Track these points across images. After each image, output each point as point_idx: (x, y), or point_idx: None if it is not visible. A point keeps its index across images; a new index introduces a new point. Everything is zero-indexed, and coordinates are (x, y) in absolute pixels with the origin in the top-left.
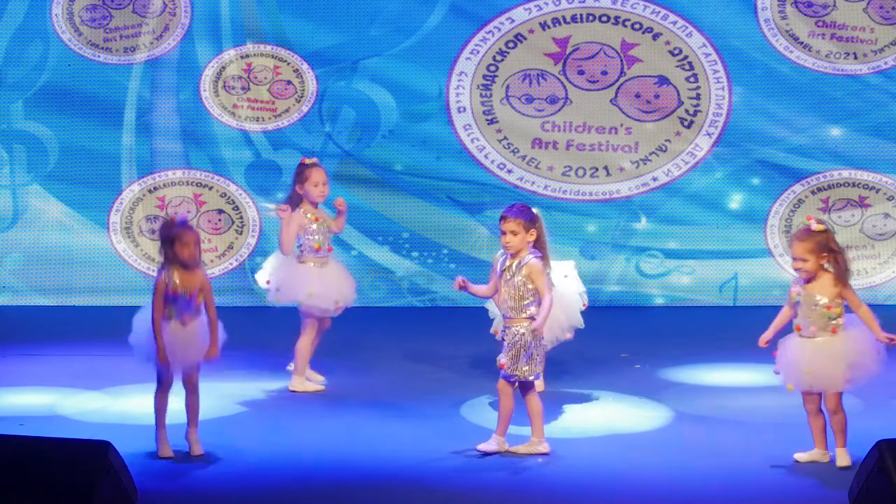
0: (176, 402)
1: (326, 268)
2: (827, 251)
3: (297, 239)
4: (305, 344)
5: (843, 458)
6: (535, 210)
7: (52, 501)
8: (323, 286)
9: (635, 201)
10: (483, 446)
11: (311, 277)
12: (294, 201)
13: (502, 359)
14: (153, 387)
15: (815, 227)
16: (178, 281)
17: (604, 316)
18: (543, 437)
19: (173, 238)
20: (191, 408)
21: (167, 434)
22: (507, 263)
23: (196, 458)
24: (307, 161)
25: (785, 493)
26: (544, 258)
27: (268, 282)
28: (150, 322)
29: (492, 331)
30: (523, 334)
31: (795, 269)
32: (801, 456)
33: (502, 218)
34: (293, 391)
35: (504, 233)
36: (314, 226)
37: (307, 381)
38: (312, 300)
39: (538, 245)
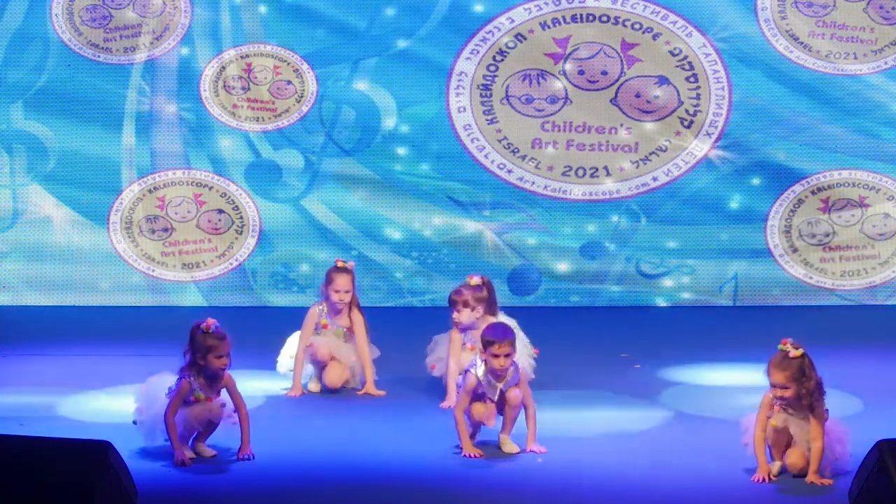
0: None
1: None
2: (804, 377)
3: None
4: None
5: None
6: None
7: (52, 501)
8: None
9: (635, 201)
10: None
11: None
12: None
13: (518, 392)
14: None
15: (792, 353)
16: (199, 389)
17: (604, 316)
18: None
19: (209, 348)
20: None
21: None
22: (494, 387)
23: (209, 458)
24: (339, 264)
25: (785, 492)
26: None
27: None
28: (156, 404)
29: (429, 364)
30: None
31: (775, 397)
32: (773, 468)
33: (493, 343)
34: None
35: (498, 356)
36: (320, 329)
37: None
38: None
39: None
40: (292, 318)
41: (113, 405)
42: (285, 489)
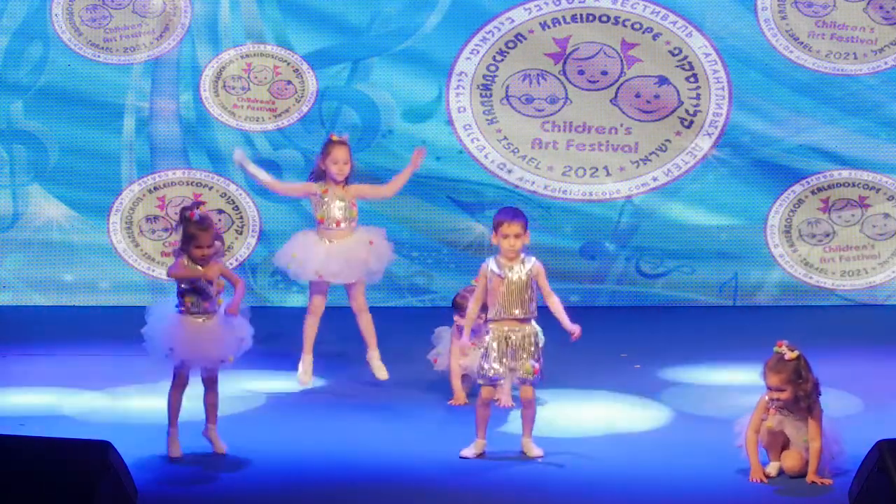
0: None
1: (334, 240)
2: (800, 379)
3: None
4: (305, 320)
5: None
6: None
7: (52, 501)
8: (307, 253)
9: (635, 201)
10: (467, 452)
11: (302, 242)
12: (317, 175)
13: (535, 364)
14: (153, 387)
15: (788, 355)
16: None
17: (604, 316)
18: None
19: (190, 236)
20: (210, 405)
21: (178, 433)
22: (506, 266)
23: (219, 455)
24: (335, 137)
25: (784, 493)
26: None
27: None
28: (163, 313)
29: (430, 357)
30: (537, 333)
31: (771, 399)
32: (771, 470)
33: (503, 223)
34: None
35: (507, 236)
36: (324, 197)
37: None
38: (293, 264)
39: None
40: (292, 318)
41: (113, 405)
42: (285, 489)
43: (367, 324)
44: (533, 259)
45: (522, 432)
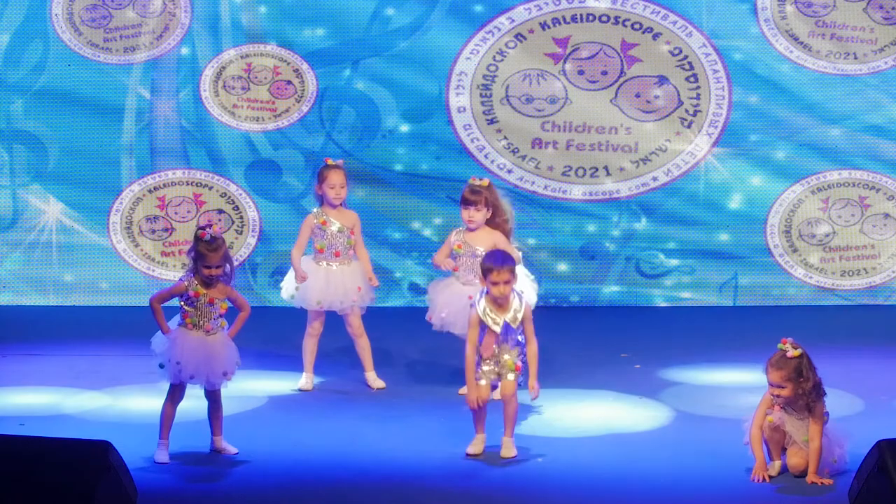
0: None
1: (333, 269)
2: (801, 377)
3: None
4: (305, 342)
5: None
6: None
7: (52, 501)
8: (308, 283)
9: (635, 201)
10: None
11: (306, 274)
12: (319, 200)
13: (517, 361)
14: (153, 387)
15: (791, 352)
16: (199, 287)
17: (604, 316)
18: None
19: (199, 255)
20: (214, 417)
21: (168, 443)
22: (498, 316)
23: (221, 454)
24: (329, 162)
25: (784, 492)
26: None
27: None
28: (166, 337)
29: (427, 317)
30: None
31: (772, 395)
32: (771, 469)
33: (492, 270)
34: (301, 390)
35: (497, 283)
36: (321, 228)
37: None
38: (297, 294)
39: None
40: (292, 318)
41: (113, 405)
42: (285, 489)
43: (363, 348)
44: (523, 301)
45: (504, 430)
